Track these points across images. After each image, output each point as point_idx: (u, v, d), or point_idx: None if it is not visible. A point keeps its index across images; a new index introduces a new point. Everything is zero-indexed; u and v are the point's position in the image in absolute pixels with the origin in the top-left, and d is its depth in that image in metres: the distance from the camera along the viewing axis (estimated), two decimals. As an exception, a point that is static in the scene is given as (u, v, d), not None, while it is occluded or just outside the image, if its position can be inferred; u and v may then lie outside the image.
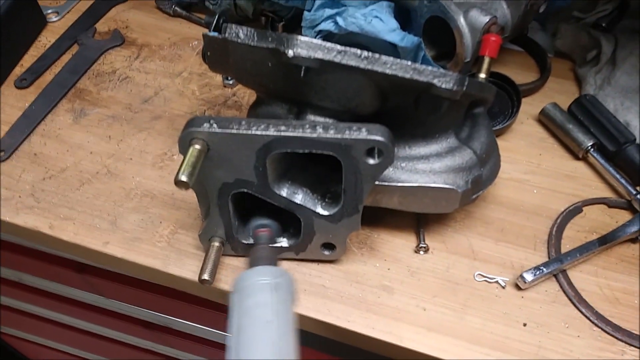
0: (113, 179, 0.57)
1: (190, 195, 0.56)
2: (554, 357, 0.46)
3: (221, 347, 0.80)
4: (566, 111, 0.64)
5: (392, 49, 0.64)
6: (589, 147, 0.60)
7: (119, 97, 0.65)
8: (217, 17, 0.48)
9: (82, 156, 0.59)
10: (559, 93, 0.68)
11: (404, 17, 0.68)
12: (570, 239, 0.54)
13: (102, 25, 0.74)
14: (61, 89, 0.65)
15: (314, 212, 0.47)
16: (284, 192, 0.46)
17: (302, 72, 0.43)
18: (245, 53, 0.45)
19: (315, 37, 0.66)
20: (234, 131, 0.41)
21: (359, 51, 0.43)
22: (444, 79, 0.44)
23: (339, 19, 0.64)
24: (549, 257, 0.52)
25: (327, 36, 0.66)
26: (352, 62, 0.43)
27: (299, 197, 0.47)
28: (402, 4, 0.67)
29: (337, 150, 0.42)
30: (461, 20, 0.60)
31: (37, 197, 0.55)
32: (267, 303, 0.39)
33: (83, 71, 0.67)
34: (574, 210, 0.56)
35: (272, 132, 0.41)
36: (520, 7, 0.64)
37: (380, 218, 0.54)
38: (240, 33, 0.45)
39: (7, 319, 1.01)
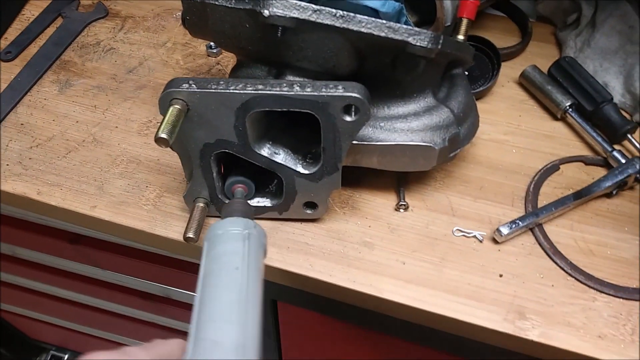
0: (99, 146, 0.58)
1: (175, 160, 0.57)
2: (528, 305, 0.48)
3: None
4: (546, 73, 0.65)
5: (374, 15, 0.65)
6: (567, 107, 0.61)
7: (103, 67, 0.66)
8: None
9: (68, 125, 0.60)
10: (539, 57, 0.69)
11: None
12: (547, 195, 0.55)
13: (86, -1, 0.74)
14: (46, 61, 0.65)
15: (295, 171, 0.48)
16: (264, 152, 0.48)
17: (279, 32, 0.44)
18: (223, 15, 0.46)
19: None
20: (212, 90, 0.42)
21: (334, 10, 0.44)
22: (418, 37, 0.45)
23: (320, -15, 0.64)
24: (525, 213, 0.54)
25: (309, 1, 0.67)
26: (328, 21, 0.43)
27: (280, 157, 0.48)
28: (383, -30, 0.67)
29: (315, 107, 0.43)
30: (440, -17, 0.61)
31: (24, 164, 0.56)
32: (237, 251, 0.39)
33: (67, 43, 0.68)
34: (552, 168, 0.58)
35: (250, 90, 0.42)
36: (500, -30, 0.64)
37: (361, 179, 0.56)
38: (218, -6, 0.46)
39: (2, 294, 1.03)
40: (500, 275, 0.50)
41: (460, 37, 0.56)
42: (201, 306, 0.37)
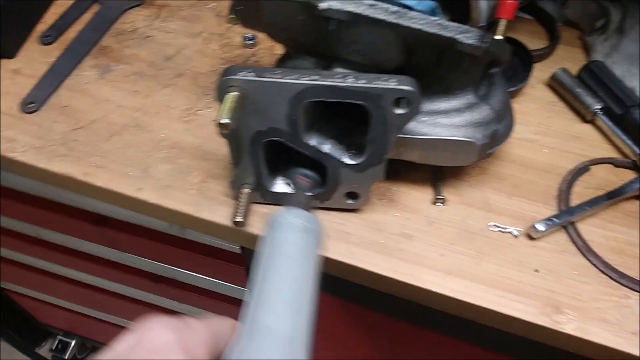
0: (141, 131, 0.59)
1: (217, 147, 0.58)
2: (563, 300, 0.49)
3: (233, 301, 0.83)
4: (575, 76, 0.66)
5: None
6: (597, 110, 0.63)
7: (142, 54, 0.66)
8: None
9: (110, 109, 0.60)
10: (566, 60, 0.71)
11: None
12: (579, 194, 0.57)
13: (121, -14, 0.75)
14: (85, 46, 0.66)
15: (341, 161, 0.49)
16: (313, 142, 0.49)
17: (332, 25, 0.45)
18: (276, 7, 0.47)
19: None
20: (269, 79, 0.44)
21: (387, 5, 0.45)
22: (467, 35, 0.46)
23: (359, -18, 0.65)
24: (559, 211, 0.55)
25: None
26: (381, 16, 0.45)
27: (327, 147, 0.49)
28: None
29: (367, 99, 0.44)
30: (478, -16, 0.62)
31: (69, 146, 0.57)
32: (297, 243, 0.41)
33: (105, 29, 0.69)
34: (582, 169, 0.59)
35: (305, 80, 0.44)
36: (535, -26, 0.66)
37: (398, 172, 0.57)
38: (271, -13, 0.47)
39: (14, 275, 1.03)
40: (536, 270, 0.51)
41: (498, 36, 0.58)
42: (257, 289, 0.38)
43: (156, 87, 0.63)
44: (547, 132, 0.63)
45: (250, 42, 0.68)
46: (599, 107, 0.63)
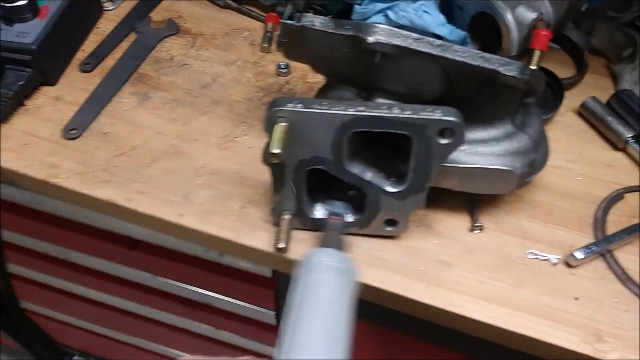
0: (181, 157, 0.60)
1: (255, 173, 0.59)
2: (604, 329, 0.49)
3: (261, 325, 0.83)
4: (605, 105, 0.67)
5: (438, 43, 0.67)
6: (629, 139, 0.63)
7: (178, 82, 0.68)
8: (290, 6, 0.51)
9: (149, 136, 0.62)
10: (593, 88, 0.72)
11: (446, 12, 0.71)
12: (613, 222, 0.57)
13: (156, 15, 0.77)
14: (124, 73, 0.68)
15: (382, 189, 0.50)
16: (355, 170, 0.50)
17: (378, 58, 0.46)
18: (322, 40, 0.49)
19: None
20: (317, 110, 0.45)
21: (432, 39, 0.46)
22: (509, 67, 0.47)
23: (390, 13, 0.67)
24: (595, 238, 0.56)
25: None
26: (426, 49, 0.46)
27: (369, 175, 0.50)
28: None
29: (412, 129, 0.45)
30: (509, 16, 0.64)
31: (111, 172, 0.58)
32: (329, 282, 0.42)
33: (143, 57, 0.71)
34: (616, 197, 0.60)
35: (351, 111, 0.45)
36: (563, 6, 0.67)
37: (435, 199, 0.57)
38: (316, 21, 0.49)
39: (34, 294, 1.04)
40: (576, 298, 0.51)
41: (533, 67, 0.59)
42: (291, 329, 0.38)
43: (194, 115, 0.64)
44: (578, 160, 0.63)
45: (284, 70, 0.69)
46: (631, 135, 0.63)
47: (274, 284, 0.74)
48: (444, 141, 0.45)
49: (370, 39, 0.45)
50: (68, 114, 0.63)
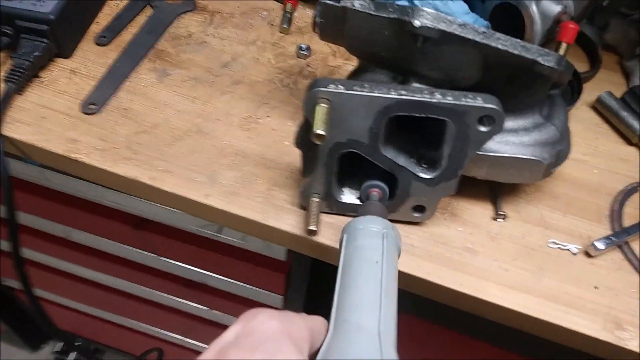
0: (204, 137, 0.59)
1: (279, 155, 0.58)
2: (624, 317, 0.51)
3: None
4: (620, 100, 0.68)
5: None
6: (643, 134, 0.65)
7: (198, 60, 0.67)
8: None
9: (170, 114, 0.60)
10: (607, 83, 0.73)
11: (467, 1, 0.71)
12: (629, 215, 0.59)
13: (171, -10, 0.75)
14: (142, 49, 0.66)
15: (415, 174, 0.50)
16: (389, 154, 0.50)
17: (420, 42, 0.46)
18: (362, 21, 0.48)
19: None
20: (359, 92, 0.44)
21: (476, 26, 0.46)
22: (547, 58, 0.48)
23: (416, -1, 0.67)
24: (612, 230, 0.57)
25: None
26: (470, 36, 0.46)
27: (401, 160, 0.50)
28: (469, -12, 0.70)
29: (452, 115, 0.45)
30: (534, 8, 0.64)
31: (133, 149, 0.56)
32: (376, 247, 0.43)
33: (160, 33, 0.69)
34: (632, 190, 0.61)
35: (393, 95, 0.45)
36: (585, 1, 0.68)
37: (459, 188, 0.58)
38: (356, 2, 0.48)
39: (46, 280, 1.02)
40: (596, 287, 0.53)
41: (559, 60, 0.60)
42: (343, 292, 0.39)
43: (215, 94, 0.63)
44: (594, 153, 0.65)
45: (304, 52, 0.69)
46: (645, 130, 0.65)
47: (286, 268, 0.74)
48: (483, 129, 0.45)
49: (417, 23, 0.44)
50: (85, 87, 0.61)
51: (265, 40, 0.71)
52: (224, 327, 0.89)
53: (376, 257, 0.42)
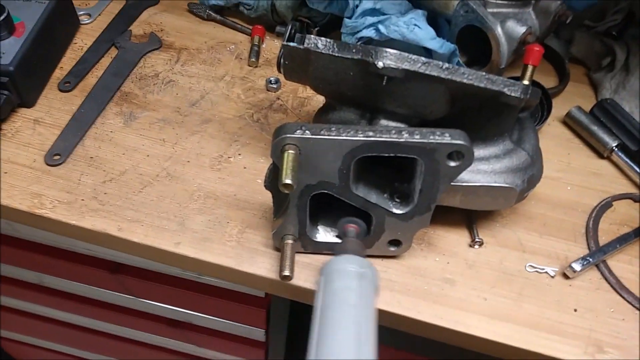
0: (174, 181, 0.58)
1: (252, 195, 0.58)
2: (604, 339, 0.51)
3: (252, 343, 0.82)
4: (589, 114, 0.69)
5: (425, 55, 0.68)
6: (614, 147, 0.65)
7: (166, 100, 0.66)
8: (289, 27, 0.50)
9: (139, 159, 0.59)
10: (576, 96, 0.74)
11: (433, 25, 0.71)
12: (605, 231, 0.59)
13: (136, 29, 0.74)
14: (107, 92, 0.65)
15: (388, 210, 0.50)
16: (360, 193, 0.49)
17: (385, 81, 0.46)
18: (326, 63, 0.48)
19: (356, 43, 0.69)
20: (325, 137, 0.44)
21: (440, 63, 0.46)
22: (512, 88, 0.48)
23: (381, 27, 0.67)
24: (588, 248, 0.57)
25: (366, 42, 0.69)
26: (435, 73, 0.46)
27: (373, 197, 0.50)
28: (433, 12, 0.71)
29: (421, 153, 0.45)
30: (499, 30, 0.64)
31: (100, 200, 0.55)
32: (352, 288, 0.42)
33: (126, 74, 0.68)
34: (605, 205, 0.61)
35: (360, 137, 0.44)
36: (549, 18, 0.69)
37: (434, 216, 0.57)
38: (319, 44, 0.48)
39: (20, 324, 0.99)
40: (575, 310, 0.53)
41: (526, 82, 0.60)
42: (319, 340, 0.39)
43: (184, 134, 0.62)
44: (567, 169, 0.65)
45: (274, 85, 0.68)
46: (615, 144, 0.65)
47: (266, 304, 0.72)
48: (452, 164, 0.45)
49: (380, 64, 0.44)
50: (50, 137, 0.60)
51: (234, 74, 0.70)
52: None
53: (353, 299, 0.41)
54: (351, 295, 0.42)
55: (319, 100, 0.65)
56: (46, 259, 0.76)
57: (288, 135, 0.43)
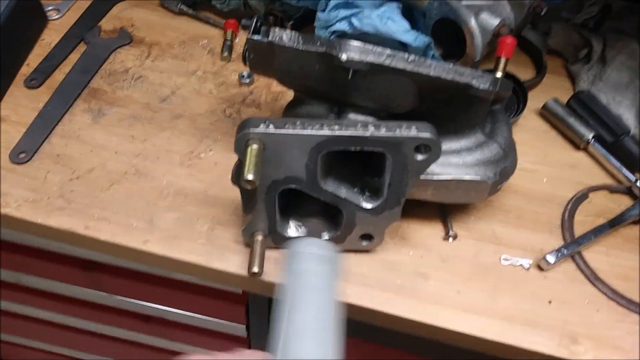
0: (142, 178, 0.57)
1: (222, 191, 0.57)
2: (578, 330, 0.50)
3: (231, 338, 0.81)
4: (565, 106, 0.69)
5: (400, 48, 0.67)
6: (590, 139, 0.65)
7: (135, 96, 0.65)
8: (255, 20, 0.49)
9: (107, 156, 0.58)
10: (553, 88, 0.73)
11: (409, 17, 0.70)
12: (580, 223, 0.59)
13: (106, 24, 0.73)
14: (75, 89, 0.64)
15: (358, 205, 0.49)
16: (329, 188, 0.48)
17: (350, 75, 0.45)
18: (291, 56, 0.47)
19: (329, 37, 0.68)
20: (290, 131, 0.43)
21: (406, 55, 0.45)
22: (481, 80, 0.47)
23: (354, 20, 0.66)
24: (564, 240, 0.57)
25: (340, 36, 0.68)
26: (400, 65, 0.45)
27: (343, 192, 0.49)
28: (408, 4, 0.70)
29: (388, 147, 0.44)
30: (472, 23, 0.64)
31: (67, 198, 0.54)
32: (316, 271, 0.42)
33: (94, 70, 0.66)
34: (581, 197, 0.61)
35: (326, 131, 0.43)
36: (524, 10, 0.68)
37: (407, 209, 0.57)
38: (284, 37, 0.47)
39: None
40: (550, 302, 0.52)
41: (499, 74, 0.59)
42: (286, 324, 0.39)
43: (154, 131, 0.61)
44: (543, 161, 0.64)
45: (246, 80, 0.67)
46: (592, 135, 0.65)
47: (244, 300, 0.71)
48: (420, 157, 0.45)
49: (343, 56, 0.43)
50: (15, 135, 0.59)
51: (206, 70, 0.69)
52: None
53: (316, 282, 0.41)
54: (315, 278, 0.42)
55: (292, 94, 0.64)
56: (22, 259, 0.74)
57: (251, 130, 0.42)
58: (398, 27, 0.65)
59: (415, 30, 0.66)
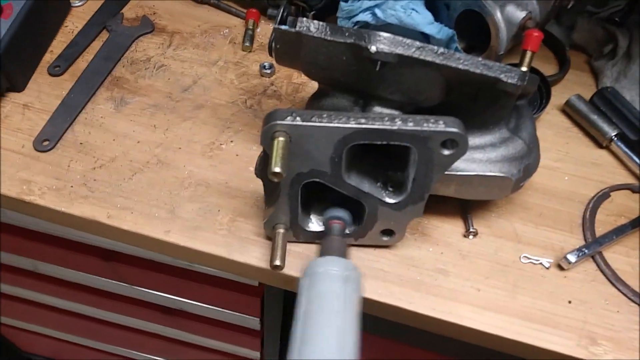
0: (165, 168, 0.57)
1: (244, 183, 0.57)
2: (598, 331, 0.50)
3: (246, 331, 0.82)
4: (588, 102, 0.68)
5: (424, 40, 0.66)
6: (613, 137, 0.64)
7: (157, 85, 0.65)
8: (282, 9, 0.48)
9: (129, 145, 0.58)
10: (576, 84, 0.72)
11: (432, 9, 0.70)
12: (602, 222, 0.58)
13: (128, 12, 0.72)
14: (98, 77, 0.64)
15: (381, 200, 0.49)
16: (353, 182, 0.48)
17: (378, 66, 0.45)
18: (319, 47, 0.46)
19: (352, 27, 0.67)
20: (317, 124, 0.43)
21: (435, 47, 0.45)
22: (509, 74, 0.46)
23: (378, 11, 0.65)
24: (585, 240, 0.57)
25: (362, 27, 0.68)
26: (429, 58, 0.45)
27: (366, 186, 0.49)
28: (433, -4, 0.69)
29: (414, 141, 0.44)
30: (498, 15, 0.63)
31: (89, 186, 0.54)
32: (337, 293, 0.41)
33: (117, 58, 0.66)
34: (603, 196, 0.60)
35: (352, 124, 0.43)
36: (550, 3, 0.67)
37: (428, 206, 0.56)
38: (312, 27, 0.47)
39: (16, 310, 0.99)
40: (569, 302, 0.52)
41: (524, 68, 0.58)
42: (302, 346, 0.38)
43: (176, 121, 0.61)
44: (565, 158, 0.64)
45: (268, 70, 0.67)
46: (615, 133, 0.64)
47: (260, 292, 0.72)
48: (446, 152, 0.44)
49: (373, 48, 0.43)
50: (39, 123, 0.59)
51: (228, 59, 0.69)
52: (208, 350, 0.86)
53: (336, 304, 0.40)
54: (335, 300, 0.40)
55: (314, 86, 0.64)
56: (40, 246, 0.75)
57: (278, 122, 0.42)
58: (422, 18, 0.64)
59: (439, 22, 0.65)
